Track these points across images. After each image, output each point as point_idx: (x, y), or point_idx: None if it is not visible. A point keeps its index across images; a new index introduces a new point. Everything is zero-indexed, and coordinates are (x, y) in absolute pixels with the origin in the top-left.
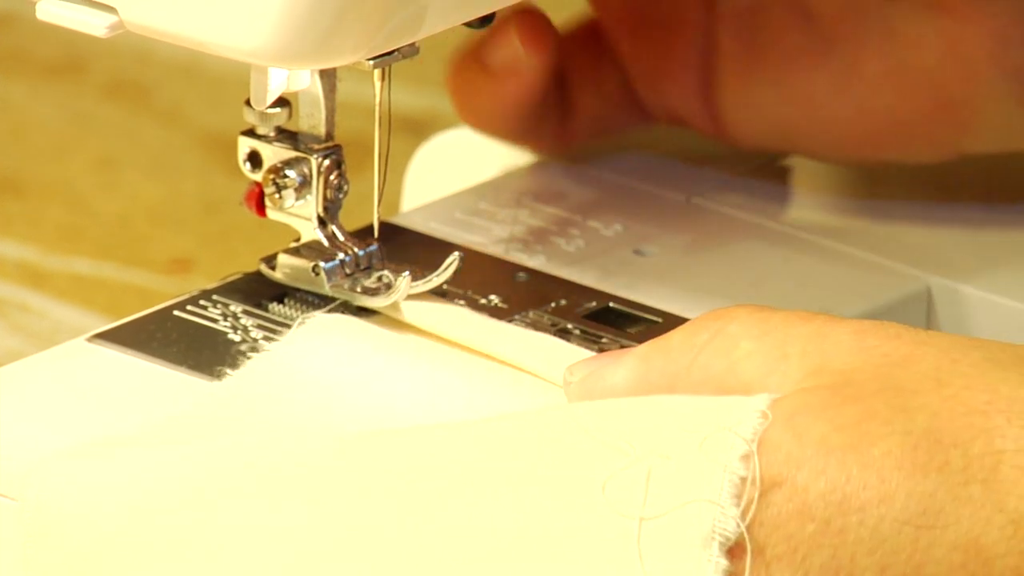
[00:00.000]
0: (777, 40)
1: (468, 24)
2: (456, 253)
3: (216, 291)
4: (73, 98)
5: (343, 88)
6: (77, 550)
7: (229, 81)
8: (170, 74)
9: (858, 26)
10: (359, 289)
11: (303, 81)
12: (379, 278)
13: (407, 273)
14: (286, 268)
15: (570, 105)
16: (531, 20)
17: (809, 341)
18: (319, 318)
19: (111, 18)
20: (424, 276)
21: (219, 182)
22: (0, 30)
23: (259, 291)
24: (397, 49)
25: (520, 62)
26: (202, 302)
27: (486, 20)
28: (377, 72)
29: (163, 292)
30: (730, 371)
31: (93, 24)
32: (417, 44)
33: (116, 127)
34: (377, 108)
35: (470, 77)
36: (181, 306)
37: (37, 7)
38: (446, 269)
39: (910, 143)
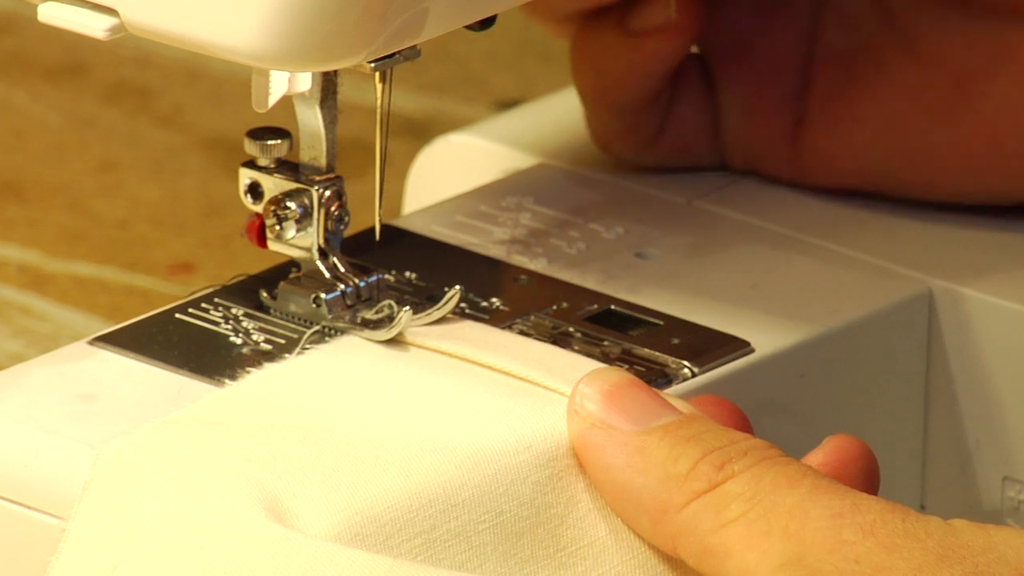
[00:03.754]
0: (878, 74)
1: (469, 27)
2: (457, 287)
3: (218, 294)
4: (74, 101)
5: (343, 90)
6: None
7: (230, 84)
8: (171, 77)
9: (966, 52)
10: (360, 321)
11: (304, 84)
12: (380, 310)
13: (408, 308)
14: (286, 299)
15: (671, 117)
16: None
17: (791, 518)
18: (332, 344)
19: (112, 20)
20: (425, 308)
21: (220, 185)
22: (2, 33)
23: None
24: (398, 52)
25: (670, 23)
26: (204, 305)
27: (487, 22)
28: (378, 75)
29: (165, 295)
30: (716, 531)
31: (94, 27)
32: (418, 47)
33: (117, 130)
34: (378, 111)
35: (605, 38)
36: (183, 309)
37: (39, 10)
38: (447, 303)
39: (1016, 177)
